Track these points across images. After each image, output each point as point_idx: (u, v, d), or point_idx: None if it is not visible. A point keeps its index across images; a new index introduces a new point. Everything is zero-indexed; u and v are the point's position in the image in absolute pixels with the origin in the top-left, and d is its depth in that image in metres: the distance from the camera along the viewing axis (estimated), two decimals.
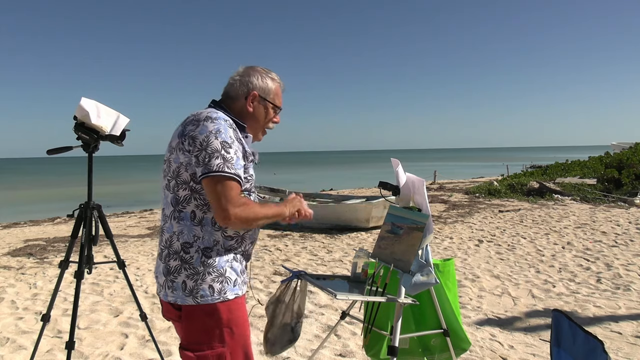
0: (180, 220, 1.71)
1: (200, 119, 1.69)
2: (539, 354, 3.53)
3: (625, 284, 5.26)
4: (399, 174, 2.71)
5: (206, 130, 1.65)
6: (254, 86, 1.86)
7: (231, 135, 1.69)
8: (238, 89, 1.86)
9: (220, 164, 1.62)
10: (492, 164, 56.48)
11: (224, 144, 1.65)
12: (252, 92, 1.85)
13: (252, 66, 1.92)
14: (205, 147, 1.64)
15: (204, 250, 1.69)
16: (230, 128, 1.70)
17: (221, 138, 1.65)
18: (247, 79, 1.86)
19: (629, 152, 18.25)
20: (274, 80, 1.92)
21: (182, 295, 1.68)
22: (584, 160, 22.08)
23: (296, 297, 2.56)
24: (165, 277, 1.72)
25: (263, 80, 1.88)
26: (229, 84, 1.89)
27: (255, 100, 1.86)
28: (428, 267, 2.42)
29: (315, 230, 9.19)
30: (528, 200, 12.85)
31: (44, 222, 13.25)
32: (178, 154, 1.69)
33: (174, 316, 1.75)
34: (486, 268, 6.10)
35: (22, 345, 3.72)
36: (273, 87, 1.90)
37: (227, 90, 1.88)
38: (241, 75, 1.88)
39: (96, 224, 3.02)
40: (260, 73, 1.89)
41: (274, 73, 1.93)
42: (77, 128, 2.92)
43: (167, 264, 1.72)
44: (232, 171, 1.64)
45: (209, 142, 1.64)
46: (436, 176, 23.28)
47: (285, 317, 2.55)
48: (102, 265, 5.82)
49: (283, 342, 2.57)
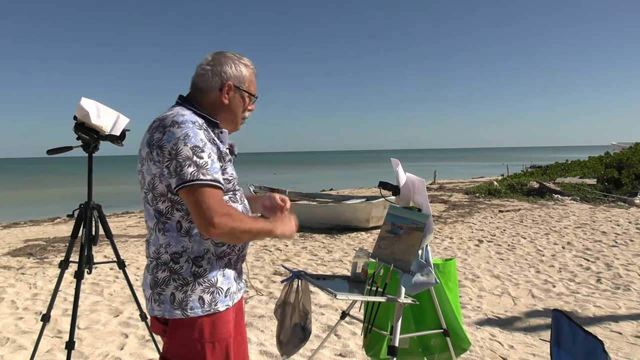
0: (165, 232, 1.61)
1: (166, 124, 1.55)
2: (539, 354, 3.53)
3: (625, 284, 5.26)
4: (399, 174, 2.71)
5: (173, 137, 1.52)
6: (228, 76, 1.70)
7: (202, 138, 1.55)
8: (210, 80, 1.69)
9: (194, 172, 1.50)
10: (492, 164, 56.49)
11: (195, 149, 1.52)
12: (227, 83, 1.70)
13: (222, 52, 1.75)
14: (175, 156, 1.51)
15: (194, 260, 1.60)
16: (200, 130, 1.57)
17: (191, 143, 1.52)
18: (219, 68, 1.70)
19: (629, 152, 18.25)
20: (247, 67, 1.76)
21: (170, 308, 1.58)
22: (584, 160, 22.09)
23: (300, 296, 2.57)
24: (152, 289, 1.61)
25: (237, 68, 1.72)
26: (199, 74, 1.72)
27: (230, 91, 1.71)
28: (428, 267, 2.42)
29: (315, 230, 9.19)
30: (528, 200, 12.85)
31: (44, 222, 13.25)
32: (149, 164, 1.57)
33: (160, 331, 1.65)
34: (486, 268, 6.10)
35: (22, 345, 3.72)
36: (247, 75, 1.75)
37: (196, 82, 1.72)
38: (212, 65, 1.71)
39: (96, 224, 3.02)
40: (233, 60, 1.73)
41: (246, 58, 1.77)
42: (77, 128, 2.92)
43: (155, 276, 1.61)
44: (209, 177, 1.51)
45: (178, 150, 1.51)
46: (436, 176, 23.29)
47: (294, 318, 2.56)
48: (102, 265, 5.82)
49: (295, 342, 2.59)
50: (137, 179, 1.70)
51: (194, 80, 1.73)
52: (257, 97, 1.81)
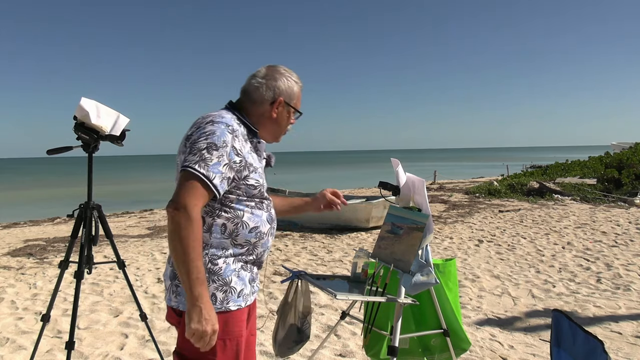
0: None
1: (204, 121, 1.66)
2: (539, 354, 3.53)
3: (625, 284, 5.26)
4: (399, 174, 2.71)
5: (201, 131, 1.62)
6: (280, 92, 1.80)
7: (225, 140, 1.62)
8: (264, 94, 1.78)
9: (194, 160, 1.57)
10: (492, 164, 56.49)
11: (211, 145, 1.59)
12: (279, 99, 1.79)
13: (276, 67, 1.84)
14: (191, 146, 1.60)
15: (211, 257, 1.65)
16: (230, 134, 1.64)
17: (210, 140, 1.60)
18: (273, 83, 1.79)
19: (629, 152, 18.26)
20: (297, 84, 1.85)
21: (185, 301, 1.60)
22: (584, 160, 22.09)
23: (299, 297, 2.57)
24: (171, 281, 1.69)
25: (289, 85, 1.82)
26: (253, 86, 1.80)
27: (280, 106, 1.80)
28: (428, 267, 2.42)
29: (315, 230, 9.19)
30: (528, 200, 12.84)
31: (44, 222, 13.25)
32: (180, 156, 1.66)
33: (174, 321, 1.71)
34: (486, 268, 6.10)
35: (22, 345, 3.72)
36: (297, 91, 1.84)
37: (249, 92, 1.80)
38: (266, 79, 1.79)
39: (96, 224, 3.02)
40: (285, 76, 1.82)
41: (295, 74, 1.86)
42: (77, 128, 2.92)
43: (174, 268, 1.66)
44: (203, 171, 1.56)
45: (197, 141, 1.60)
46: (436, 176, 23.28)
47: (290, 318, 2.55)
48: (102, 265, 5.82)
49: (289, 343, 2.57)
50: (137, 178, 1.70)
51: (246, 90, 1.81)
52: (301, 114, 1.90)
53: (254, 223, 1.72)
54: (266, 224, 1.77)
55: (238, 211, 1.69)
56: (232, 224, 1.68)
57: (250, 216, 1.71)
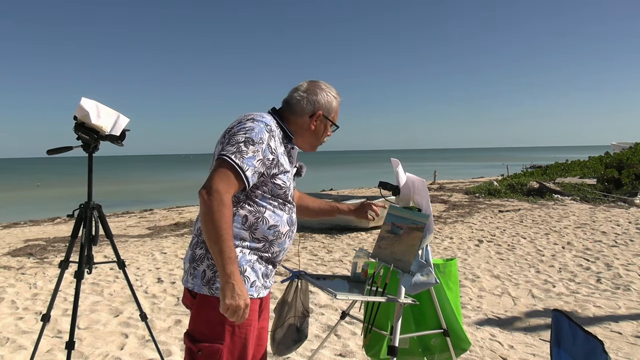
0: None
1: (246, 118, 1.77)
2: (539, 354, 3.53)
3: (625, 284, 5.26)
4: (399, 174, 2.71)
5: (242, 126, 1.73)
6: (320, 106, 1.91)
7: (262, 137, 1.72)
8: (305, 107, 1.90)
9: (232, 151, 1.67)
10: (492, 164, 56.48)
11: (248, 139, 1.69)
12: (318, 112, 1.91)
13: (316, 82, 1.95)
14: (230, 137, 1.71)
15: None
16: (268, 133, 1.74)
17: (248, 135, 1.70)
18: (313, 97, 1.91)
19: (629, 152, 18.26)
20: (336, 99, 1.96)
21: (200, 283, 1.72)
22: (584, 160, 22.10)
23: (298, 297, 2.57)
24: (190, 264, 1.77)
25: (328, 99, 1.93)
26: (295, 99, 1.91)
27: (319, 120, 1.92)
28: (428, 267, 2.42)
29: (315, 230, 9.19)
30: (528, 200, 12.85)
31: (44, 222, 13.25)
32: (218, 147, 1.76)
33: (189, 302, 1.80)
34: (486, 268, 6.10)
35: (22, 345, 3.72)
36: (335, 106, 1.96)
37: (292, 105, 1.91)
38: (307, 93, 1.91)
39: (96, 224, 3.02)
40: (325, 91, 1.93)
41: (334, 90, 1.97)
42: (77, 128, 2.92)
43: (194, 252, 1.76)
44: (237, 161, 1.66)
45: (236, 133, 1.71)
46: (436, 176, 23.29)
47: (290, 318, 2.55)
48: (102, 265, 5.82)
49: (288, 343, 2.57)
50: (137, 178, 1.72)
51: (288, 101, 1.93)
52: (338, 127, 2.02)
53: (274, 221, 1.80)
54: (286, 225, 1.85)
55: (261, 207, 1.77)
56: (253, 217, 1.75)
57: (271, 214, 1.79)
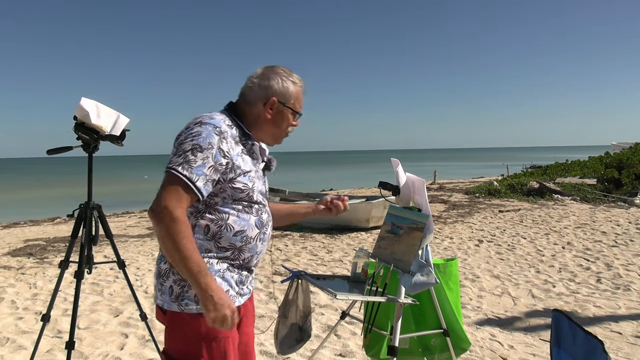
0: None
1: (194, 122, 1.63)
2: (539, 354, 3.53)
3: (625, 284, 5.26)
4: (399, 174, 2.71)
5: (188, 132, 1.60)
6: (273, 92, 1.73)
7: (211, 142, 1.57)
8: (256, 94, 1.74)
9: (177, 162, 1.54)
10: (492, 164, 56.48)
11: (196, 147, 1.56)
12: (270, 99, 1.73)
13: (273, 67, 1.78)
14: (177, 146, 1.59)
15: None
16: (217, 135, 1.59)
17: (196, 141, 1.57)
18: (266, 82, 1.73)
19: (629, 152, 18.25)
20: (295, 84, 1.78)
21: (169, 300, 1.62)
22: (584, 160, 22.09)
23: (300, 296, 2.57)
24: (157, 279, 1.68)
25: (283, 85, 1.75)
26: (247, 86, 1.76)
27: (274, 107, 1.74)
28: (428, 267, 2.42)
29: (315, 230, 9.19)
30: (528, 200, 12.84)
31: (44, 222, 13.24)
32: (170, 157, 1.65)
33: (161, 319, 1.71)
34: (486, 268, 6.10)
35: (22, 345, 3.72)
36: (294, 92, 1.77)
37: (245, 93, 1.77)
38: (260, 78, 1.75)
39: (96, 224, 3.02)
40: (281, 76, 1.76)
41: (295, 75, 1.80)
42: (77, 128, 2.92)
43: (159, 267, 1.68)
44: (185, 174, 1.53)
45: (183, 142, 1.58)
46: (436, 176, 23.28)
47: (291, 317, 2.56)
48: (102, 265, 5.81)
49: (291, 342, 2.58)
50: (136, 179, 1.70)
51: (242, 90, 1.78)
52: (301, 115, 1.83)
53: (240, 227, 1.67)
54: (254, 228, 1.70)
55: (223, 214, 1.65)
56: (215, 226, 1.63)
57: (236, 219, 1.66)
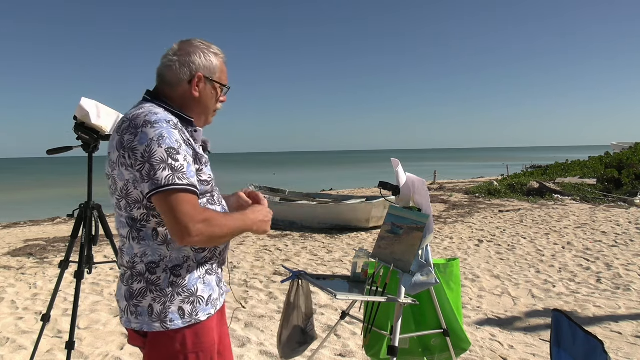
0: (141, 240, 1.50)
1: (138, 124, 1.43)
2: (539, 354, 3.53)
3: (625, 284, 5.26)
4: (399, 174, 2.71)
5: (146, 138, 1.40)
6: (197, 66, 1.58)
7: (177, 139, 1.44)
8: (178, 72, 1.57)
9: (169, 176, 1.39)
10: (492, 164, 56.50)
11: (170, 150, 1.41)
12: (196, 74, 1.58)
13: (189, 40, 1.62)
14: (149, 159, 1.39)
15: (172, 269, 1.50)
16: (175, 130, 1.46)
17: (165, 145, 1.41)
18: (187, 58, 1.57)
19: (629, 152, 18.25)
20: (217, 55, 1.64)
21: (149, 320, 1.48)
22: (584, 160, 22.09)
23: (301, 298, 2.57)
24: (128, 301, 1.51)
25: (206, 58, 1.60)
26: (165, 66, 1.58)
27: (200, 83, 1.59)
28: (428, 267, 2.42)
29: (315, 230, 9.19)
30: (528, 200, 12.84)
31: (44, 222, 13.24)
32: (121, 169, 1.46)
33: (139, 343, 1.56)
34: (486, 268, 6.10)
35: (22, 345, 3.72)
36: (218, 64, 1.63)
37: (164, 74, 1.59)
38: (179, 55, 1.57)
39: (96, 224, 3.03)
40: (201, 49, 1.60)
41: (215, 46, 1.65)
42: (77, 128, 2.93)
43: (130, 287, 1.51)
44: (185, 182, 1.40)
45: (151, 152, 1.39)
46: (436, 176, 23.29)
47: (293, 319, 2.56)
48: (102, 265, 5.82)
49: (293, 345, 2.57)
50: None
51: (160, 72, 1.60)
52: (229, 88, 1.69)
53: None
54: None
55: None
56: None
57: None
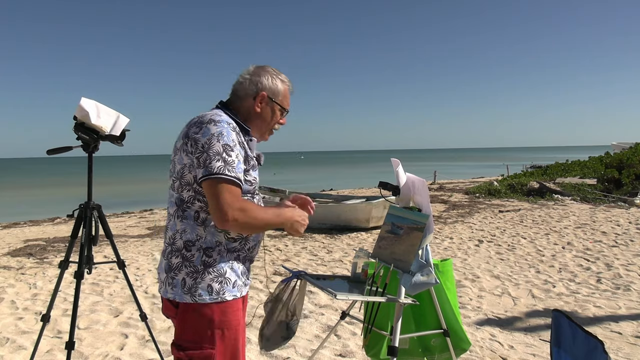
0: (183, 219, 1.72)
1: (204, 121, 1.69)
2: (539, 354, 3.53)
3: (625, 284, 5.26)
4: (399, 174, 2.71)
5: (209, 132, 1.66)
6: (263, 87, 1.86)
7: (233, 139, 1.68)
8: (247, 89, 1.85)
9: (220, 167, 1.62)
10: (492, 164, 56.48)
11: (226, 147, 1.65)
12: (261, 93, 1.85)
13: (263, 66, 1.91)
14: (207, 150, 1.64)
15: (205, 250, 1.70)
16: (233, 131, 1.70)
17: (223, 141, 1.65)
18: (257, 78, 1.86)
19: (629, 152, 18.24)
20: (284, 82, 1.91)
21: (181, 292, 1.69)
22: (584, 160, 22.07)
23: (294, 297, 2.57)
24: (167, 273, 1.73)
25: (273, 82, 1.88)
26: (239, 82, 1.88)
27: (263, 101, 1.86)
28: (428, 267, 2.42)
29: (315, 230, 9.19)
30: (528, 200, 12.84)
31: (44, 222, 13.24)
32: (182, 155, 1.70)
33: (172, 313, 1.76)
34: (486, 268, 6.10)
35: (22, 345, 3.72)
36: (282, 89, 1.90)
37: (236, 89, 1.88)
38: (251, 75, 1.87)
39: (96, 224, 3.02)
40: (271, 74, 1.89)
41: (283, 75, 1.93)
42: (77, 128, 2.92)
43: (169, 261, 1.73)
44: (232, 174, 1.64)
45: (210, 144, 1.64)
46: (436, 176, 23.29)
47: (281, 315, 2.56)
48: (102, 265, 5.82)
49: (277, 339, 2.59)
50: (137, 178, 1.71)
51: (234, 87, 1.89)
52: (288, 112, 1.96)
53: None
54: None
55: None
56: None
57: None
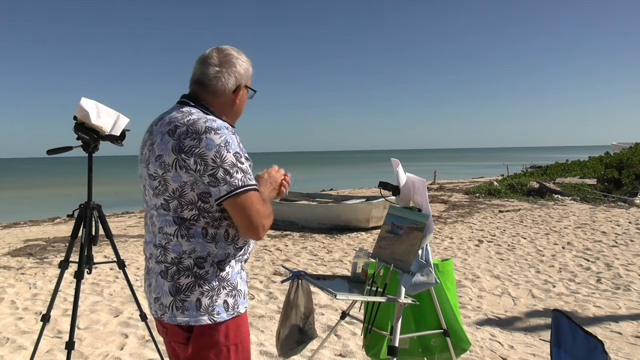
0: (190, 238, 1.56)
1: (199, 130, 1.50)
2: (539, 354, 3.53)
3: (625, 284, 5.26)
4: (399, 174, 2.71)
5: (214, 144, 1.49)
6: (241, 77, 1.68)
7: (238, 143, 1.56)
8: (226, 83, 1.65)
9: (242, 178, 1.51)
10: (492, 164, 56.46)
11: (237, 155, 1.52)
12: (241, 85, 1.69)
13: (225, 50, 1.68)
14: (221, 164, 1.49)
15: (218, 264, 1.59)
16: (234, 135, 1.56)
17: (232, 150, 1.51)
18: (232, 69, 1.66)
19: (629, 152, 18.24)
20: (249, 62, 1.73)
21: (197, 314, 1.55)
22: (584, 160, 22.07)
23: (300, 297, 2.57)
24: (174, 296, 1.56)
25: (244, 67, 1.69)
26: (213, 76, 1.64)
27: (240, 92, 1.70)
28: (428, 267, 2.42)
29: (315, 230, 9.19)
30: (528, 200, 12.85)
31: (44, 222, 13.24)
32: (179, 172, 1.52)
33: (182, 339, 1.61)
34: (486, 268, 6.10)
35: (22, 345, 3.72)
36: (251, 70, 1.73)
37: (208, 83, 1.65)
38: (223, 66, 1.65)
39: (96, 224, 3.02)
40: (240, 59, 1.69)
41: (243, 53, 1.73)
42: (77, 128, 2.92)
43: (176, 283, 1.56)
44: (253, 182, 1.55)
45: (222, 157, 1.49)
46: (436, 176, 23.29)
47: (293, 318, 2.56)
48: (102, 265, 5.82)
49: (291, 344, 2.57)
50: (136, 179, 1.68)
51: (203, 80, 1.65)
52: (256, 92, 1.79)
53: None
54: None
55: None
56: (233, 229, 1.61)
57: None
